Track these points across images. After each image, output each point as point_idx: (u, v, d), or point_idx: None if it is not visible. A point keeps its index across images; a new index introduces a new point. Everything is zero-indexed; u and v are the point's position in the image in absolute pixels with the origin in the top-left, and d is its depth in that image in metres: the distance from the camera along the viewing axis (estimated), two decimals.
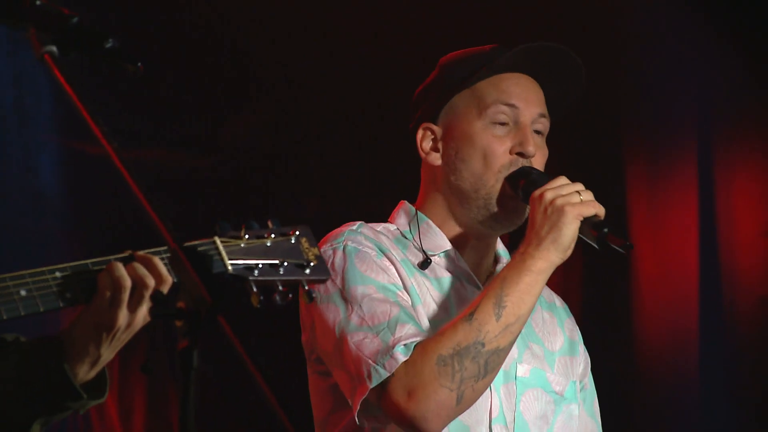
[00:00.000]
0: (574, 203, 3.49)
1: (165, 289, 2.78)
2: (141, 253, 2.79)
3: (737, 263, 5.92)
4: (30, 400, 2.88)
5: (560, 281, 3.98)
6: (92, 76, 3.16)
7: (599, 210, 3.52)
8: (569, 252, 3.53)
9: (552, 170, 3.69)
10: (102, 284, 2.76)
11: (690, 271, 5.98)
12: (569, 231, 3.47)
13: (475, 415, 3.60)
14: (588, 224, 3.51)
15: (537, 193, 3.55)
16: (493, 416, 3.63)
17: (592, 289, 5.67)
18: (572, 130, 4.11)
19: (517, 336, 3.56)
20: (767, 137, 5.92)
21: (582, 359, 3.87)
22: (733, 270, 5.93)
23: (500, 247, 3.86)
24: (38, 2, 2.68)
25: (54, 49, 2.62)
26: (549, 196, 3.51)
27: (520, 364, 3.68)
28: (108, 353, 2.83)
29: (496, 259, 3.85)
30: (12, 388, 2.88)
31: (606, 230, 3.50)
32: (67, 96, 2.58)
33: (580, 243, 3.55)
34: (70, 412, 2.93)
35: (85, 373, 2.84)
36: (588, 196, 3.53)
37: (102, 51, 2.65)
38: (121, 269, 2.74)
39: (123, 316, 2.77)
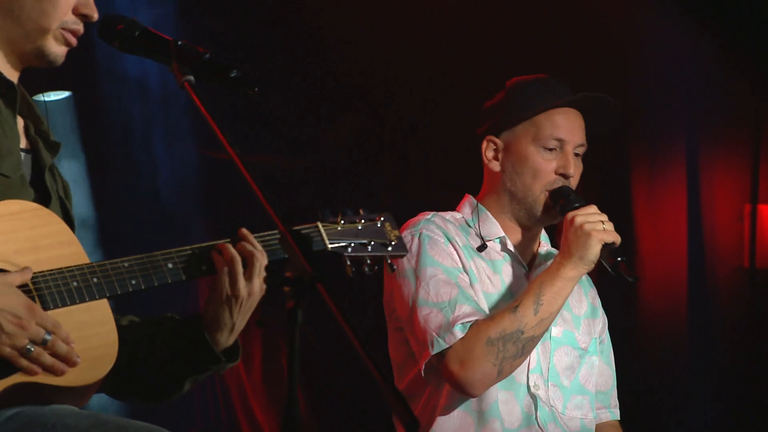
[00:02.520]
0: (598, 230, 3.76)
1: (259, 268, 2.92)
2: (243, 231, 2.93)
3: (717, 241, 6.23)
4: (181, 365, 3.05)
5: None
6: (220, 97, 3.11)
7: (616, 239, 3.78)
8: (592, 266, 3.78)
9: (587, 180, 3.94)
10: (216, 259, 2.91)
11: (680, 247, 6.29)
12: (593, 251, 3.74)
13: (518, 367, 3.84)
14: (607, 250, 3.77)
15: (570, 216, 3.80)
16: (531, 367, 3.89)
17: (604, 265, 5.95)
18: (590, 139, 4.05)
19: (549, 327, 3.77)
20: (741, 143, 6.21)
21: (601, 320, 4.11)
22: (714, 246, 6.24)
23: (543, 234, 4.08)
24: (180, 43, 2.87)
25: (192, 78, 2.81)
26: (579, 220, 3.77)
27: (554, 327, 3.92)
28: (240, 321, 2.97)
29: (540, 244, 4.07)
30: (168, 355, 3.05)
31: (620, 259, 3.76)
32: (202, 113, 2.74)
33: None
34: (212, 372, 3.06)
35: (225, 339, 3.00)
36: (610, 226, 3.80)
37: (227, 79, 2.86)
38: (229, 247, 2.90)
39: (242, 286, 2.91)
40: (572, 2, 6.18)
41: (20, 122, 3.02)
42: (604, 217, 3.79)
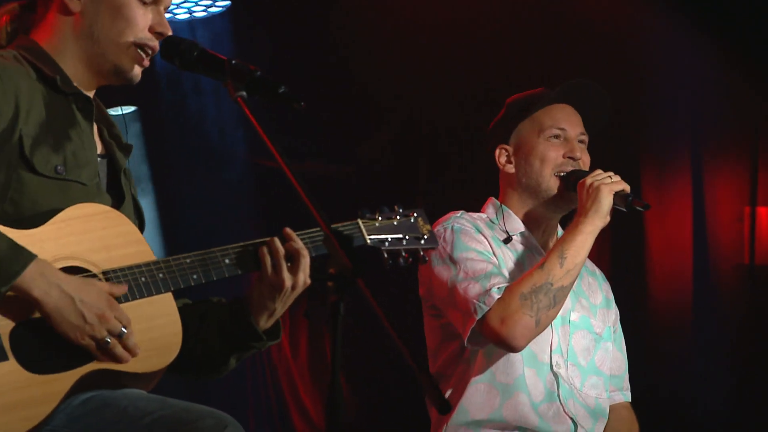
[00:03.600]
0: (607, 183, 3.75)
1: (305, 264, 2.91)
2: (287, 230, 2.92)
3: (719, 240, 6.19)
4: (227, 342, 3.04)
5: (595, 254, 4.02)
6: (269, 111, 3.23)
7: (625, 186, 3.79)
8: (608, 218, 3.77)
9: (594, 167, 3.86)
10: (262, 253, 2.90)
11: (686, 245, 6.24)
12: (606, 201, 3.74)
13: (541, 346, 3.83)
14: (618, 196, 3.76)
15: (581, 181, 3.80)
16: (553, 347, 3.87)
17: (617, 258, 6.02)
18: (606, 144, 4.21)
19: (576, 278, 3.75)
20: (741, 151, 6.15)
21: (614, 312, 4.09)
22: (716, 245, 6.19)
23: (560, 230, 4.05)
24: (233, 62, 2.83)
25: (244, 93, 2.77)
26: (589, 180, 3.77)
27: (573, 312, 3.91)
28: (280, 308, 2.97)
29: (557, 237, 4.03)
30: (216, 334, 3.05)
31: (630, 197, 3.76)
32: (253, 125, 2.70)
33: (611, 222, 3.79)
34: (255, 350, 3.06)
35: (264, 322, 2.99)
36: (617, 178, 3.79)
37: (276, 94, 2.81)
38: (276, 242, 2.90)
39: (286, 278, 2.91)
40: (586, 21, 6.15)
41: (96, 129, 3.04)
42: (611, 173, 3.79)
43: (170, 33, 2.96)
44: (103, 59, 2.95)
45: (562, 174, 3.90)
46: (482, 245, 3.86)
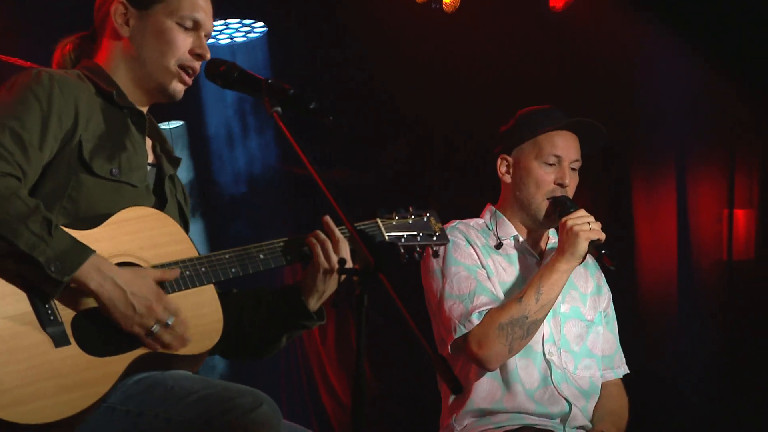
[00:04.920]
0: (585, 230, 3.72)
1: (345, 248, 2.94)
2: (326, 218, 2.95)
3: (701, 239, 6.15)
4: (280, 323, 3.06)
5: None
6: (300, 124, 3.03)
7: (601, 236, 3.73)
8: (581, 260, 3.73)
9: (591, 180, 3.97)
10: (311, 243, 2.94)
11: (671, 244, 6.20)
12: (581, 248, 3.71)
13: (535, 338, 3.80)
14: (592, 245, 3.72)
15: (563, 220, 3.76)
16: (545, 338, 3.85)
17: (610, 255, 5.91)
18: (601, 156, 4.19)
19: (549, 312, 3.72)
20: (719, 161, 6.11)
21: (606, 296, 4.05)
22: (698, 243, 6.16)
23: (552, 230, 4.02)
24: (270, 81, 2.84)
25: (279, 109, 2.78)
26: (569, 223, 3.74)
27: (562, 304, 3.88)
28: (328, 289, 3.00)
29: (549, 239, 4.01)
30: (268, 317, 3.07)
31: (603, 252, 3.71)
32: (286, 136, 2.72)
33: (604, 223, 3.75)
34: (305, 329, 3.08)
35: (314, 303, 3.02)
36: (596, 226, 3.74)
37: (308, 109, 2.82)
38: (320, 233, 2.95)
39: (334, 261, 2.95)
40: (585, 51, 6.16)
41: (149, 142, 3.05)
42: (591, 219, 3.74)
43: (209, 55, 2.97)
44: (149, 78, 2.97)
45: (550, 198, 3.89)
46: (471, 259, 3.84)
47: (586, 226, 3.72)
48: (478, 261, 3.83)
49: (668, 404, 6.05)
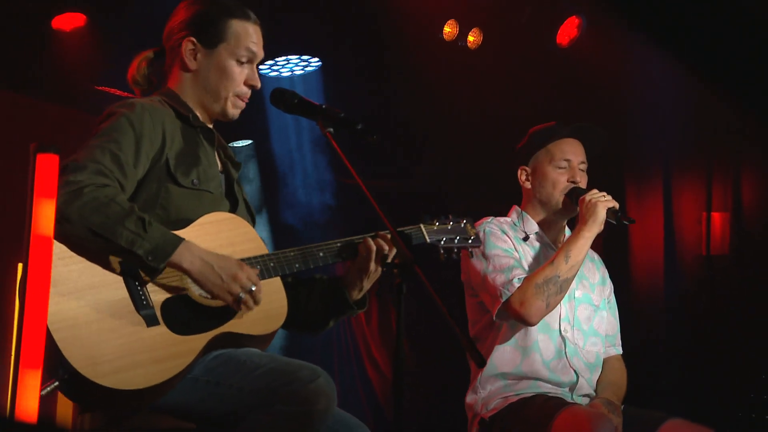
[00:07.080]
0: (602, 200, 3.70)
1: (392, 252, 2.91)
2: (381, 233, 2.92)
3: (684, 237, 6.03)
4: (327, 309, 3.05)
5: (593, 247, 3.88)
6: (350, 141, 3.00)
7: (615, 204, 3.72)
8: (602, 226, 3.70)
9: (588, 187, 3.84)
10: (361, 248, 2.91)
11: (658, 241, 6.09)
12: (601, 214, 3.68)
13: (553, 316, 3.78)
14: (610, 211, 3.70)
15: (582, 198, 3.75)
16: (561, 317, 3.82)
17: (607, 251, 5.38)
18: (598, 167, 4.06)
19: (577, 271, 3.68)
20: (699, 171, 5.97)
21: (608, 287, 4.03)
22: (681, 241, 6.03)
23: (567, 230, 3.99)
24: (324, 106, 2.84)
25: (331, 129, 2.78)
26: (588, 198, 3.73)
27: (576, 290, 3.86)
28: (367, 285, 2.98)
29: (565, 235, 3.97)
30: (319, 302, 3.06)
31: (619, 213, 3.69)
32: (337, 152, 2.71)
33: (603, 231, 3.71)
34: (348, 315, 3.05)
35: (355, 295, 3.01)
36: (609, 197, 3.74)
37: (355, 129, 2.79)
38: (370, 240, 2.91)
39: (374, 265, 2.92)
40: (586, 77, 6.06)
41: (216, 152, 3.06)
42: (604, 193, 3.74)
43: (259, 85, 2.98)
44: (212, 104, 2.98)
45: (566, 192, 3.86)
46: (507, 244, 3.80)
47: (602, 197, 3.70)
48: (512, 246, 3.81)
49: (655, 377, 5.97)
